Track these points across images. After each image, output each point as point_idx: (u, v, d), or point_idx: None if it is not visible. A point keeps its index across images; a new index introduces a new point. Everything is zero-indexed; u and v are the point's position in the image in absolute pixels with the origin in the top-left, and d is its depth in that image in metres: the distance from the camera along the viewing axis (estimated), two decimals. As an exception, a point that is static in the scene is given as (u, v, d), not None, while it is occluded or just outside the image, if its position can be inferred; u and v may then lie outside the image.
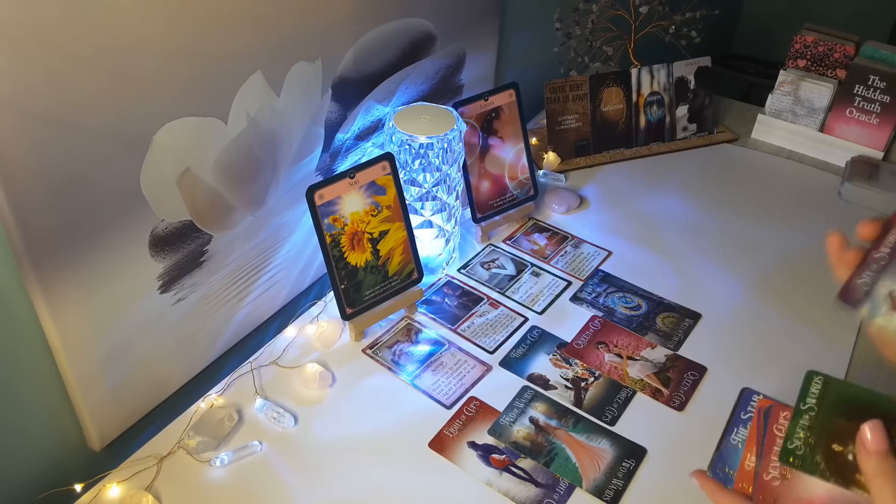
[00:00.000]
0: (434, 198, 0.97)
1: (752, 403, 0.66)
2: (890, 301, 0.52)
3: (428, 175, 0.95)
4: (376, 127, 1.02)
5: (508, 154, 1.08)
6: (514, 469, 0.78)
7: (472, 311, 0.98)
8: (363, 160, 0.93)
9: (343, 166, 0.99)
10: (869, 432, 0.50)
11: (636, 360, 0.92)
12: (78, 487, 0.74)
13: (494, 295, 1.01)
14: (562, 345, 0.93)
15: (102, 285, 0.71)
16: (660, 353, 0.93)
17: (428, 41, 1.05)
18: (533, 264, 1.06)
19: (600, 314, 0.98)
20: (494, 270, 1.05)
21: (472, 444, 0.80)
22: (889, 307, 0.52)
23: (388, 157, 0.89)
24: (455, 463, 0.78)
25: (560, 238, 1.12)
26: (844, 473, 0.51)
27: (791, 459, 0.52)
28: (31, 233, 0.63)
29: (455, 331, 0.95)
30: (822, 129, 1.35)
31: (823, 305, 1.01)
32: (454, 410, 0.84)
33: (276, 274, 0.94)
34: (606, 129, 1.30)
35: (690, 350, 0.93)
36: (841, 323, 0.99)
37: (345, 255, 0.88)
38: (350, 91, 0.94)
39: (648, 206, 1.20)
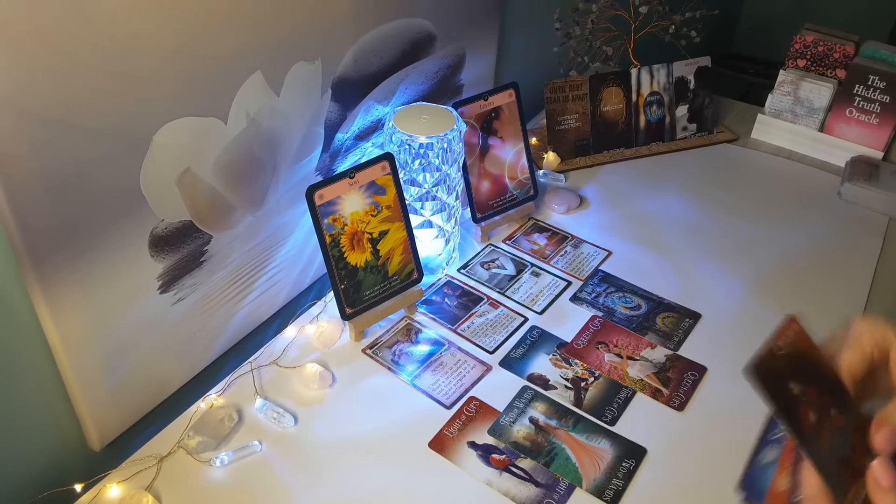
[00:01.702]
0: (434, 198, 0.97)
1: (781, 427, 0.67)
2: None
3: (428, 175, 0.95)
4: (376, 127, 1.02)
5: (508, 154, 1.08)
6: (514, 469, 0.78)
7: (472, 311, 0.98)
8: (363, 160, 0.93)
9: (343, 166, 0.99)
10: (878, 471, 0.52)
11: (636, 360, 0.92)
12: (78, 487, 0.74)
13: (494, 295, 1.01)
14: (562, 345, 0.93)
15: (102, 285, 0.71)
16: (660, 353, 0.93)
17: (428, 41, 1.05)
18: (533, 264, 1.06)
19: (600, 314, 0.98)
20: (494, 270, 1.05)
21: (472, 444, 0.80)
22: None
23: (387, 157, 0.89)
24: (455, 463, 0.78)
25: (560, 238, 1.12)
26: None
27: None
28: (31, 233, 0.63)
29: (455, 331, 0.95)
30: (821, 129, 1.35)
31: (823, 305, 1.01)
32: (454, 410, 0.84)
33: (276, 274, 0.94)
34: (606, 129, 1.30)
35: (690, 350, 0.93)
36: (840, 323, 0.99)
37: (345, 255, 0.88)
38: (350, 91, 0.94)
39: (648, 206, 1.20)
